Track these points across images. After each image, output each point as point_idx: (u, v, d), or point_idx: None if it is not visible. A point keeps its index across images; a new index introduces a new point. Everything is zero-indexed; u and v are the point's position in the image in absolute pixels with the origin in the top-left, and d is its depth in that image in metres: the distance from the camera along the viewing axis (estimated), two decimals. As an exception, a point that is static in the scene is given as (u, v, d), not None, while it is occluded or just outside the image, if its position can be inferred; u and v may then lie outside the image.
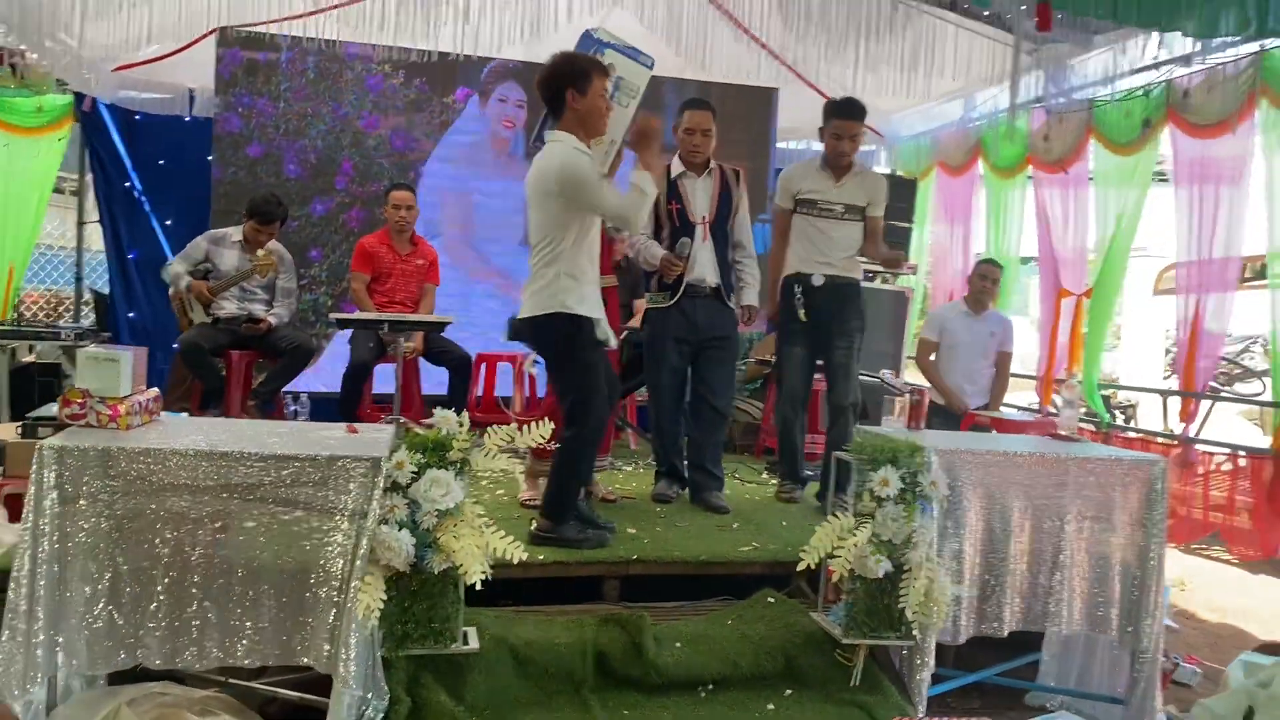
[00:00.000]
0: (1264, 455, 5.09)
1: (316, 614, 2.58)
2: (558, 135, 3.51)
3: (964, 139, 7.43)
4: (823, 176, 4.54)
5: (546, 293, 3.53)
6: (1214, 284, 5.39)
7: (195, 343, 5.25)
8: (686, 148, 4.42)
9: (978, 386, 5.89)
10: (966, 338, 5.88)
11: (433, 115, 6.63)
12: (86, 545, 2.50)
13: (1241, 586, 5.77)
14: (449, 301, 6.51)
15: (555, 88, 3.47)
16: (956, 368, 5.90)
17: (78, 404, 2.71)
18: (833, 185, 4.52)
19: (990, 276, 5.89)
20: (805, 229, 4.55)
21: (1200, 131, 5.28)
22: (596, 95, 3.46)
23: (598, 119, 3.50)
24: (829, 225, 4.52)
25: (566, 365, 3.62)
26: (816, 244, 4.52)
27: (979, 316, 5.89)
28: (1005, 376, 5.97)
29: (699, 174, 4.46)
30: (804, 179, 4.57)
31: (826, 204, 4.51)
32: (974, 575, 3.19)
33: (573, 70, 3.45)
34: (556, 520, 3.61)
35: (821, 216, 4.51)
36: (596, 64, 3.50)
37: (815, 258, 4.52)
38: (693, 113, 4.40)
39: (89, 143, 6.98)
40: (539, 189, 3.51)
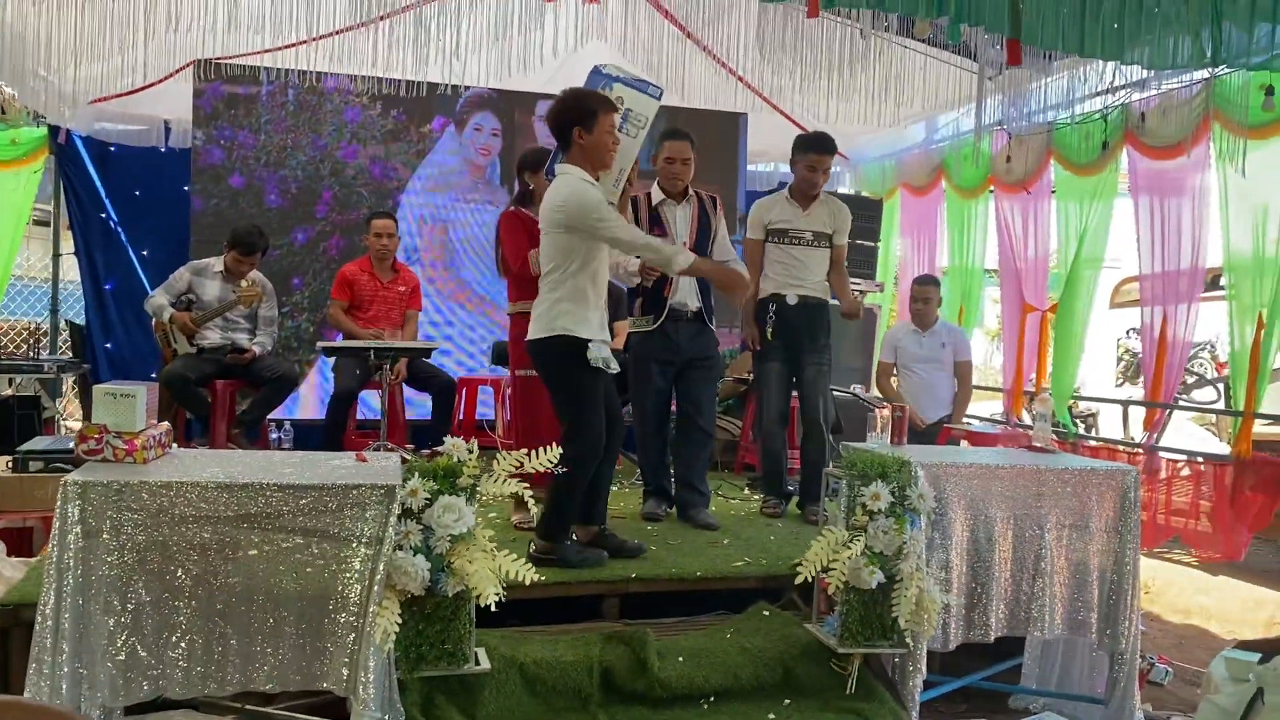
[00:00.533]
0: (1224, 461, 5.29)
1: (335, 639, 2.64)
2: (566, 168, 3.66)
3: (927, 160, 7.64)
4: (790, 206, 4.81)
5: (547, 316, 3.65)
6: (1177, 295, 5.59)
7: (181, 374, 5.28)
8: (666, 176, 4.57)
9: (938, 399, 6.05)
10: (918, 353, 6.07)
11: (410, 145, 6.75)
12: (109, 578, 2.54)
13: (1203, 588, 5.97)
14: (430, 327, 6.60)
15: (564, 124, 3.61)
16: (915, 383, 6.10)
17: (94, 439, 2.76)
18: (801, 214, 4.79)
19: (923, 296, 6.09)
20: (778, 256, 4.81)
21: (1156, 153, 5.51)
22: (603, 132, 3.60)
23: (603, 154, 3.64)
24: (800, 251, 4.80)
25: (561, 387, 3.72)
26: (789, 269, 4.79)
27: (927, 332, 6.07)
28: (968, 386, 6.13)
29: (678, 201, 4.60)
30: (772, 210, 4.84)
31: (796, 232, 4.79)
32: (961, 584, 3.33)
33: (580, 109, 3.59)
34: (553, 540, 3.71)
35: (792, 244, 4.79)
36: (604, 101, 3.65)
37: (788, 281, 4.79)
38: (672, 142, 4.55)
39: (64, 175, 6.99)
40: (548, 219, 3.64)
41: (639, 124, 3.78)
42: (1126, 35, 3.64)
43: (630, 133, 3.76)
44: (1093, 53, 3.67)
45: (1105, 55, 3.74)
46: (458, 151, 6.86)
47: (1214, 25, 3.67)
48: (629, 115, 3.75)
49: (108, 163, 7.02)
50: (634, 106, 3.78)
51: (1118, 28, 3.63)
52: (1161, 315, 5.67)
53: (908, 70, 5.65)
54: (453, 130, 6.83)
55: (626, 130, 3.75)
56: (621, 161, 3.77)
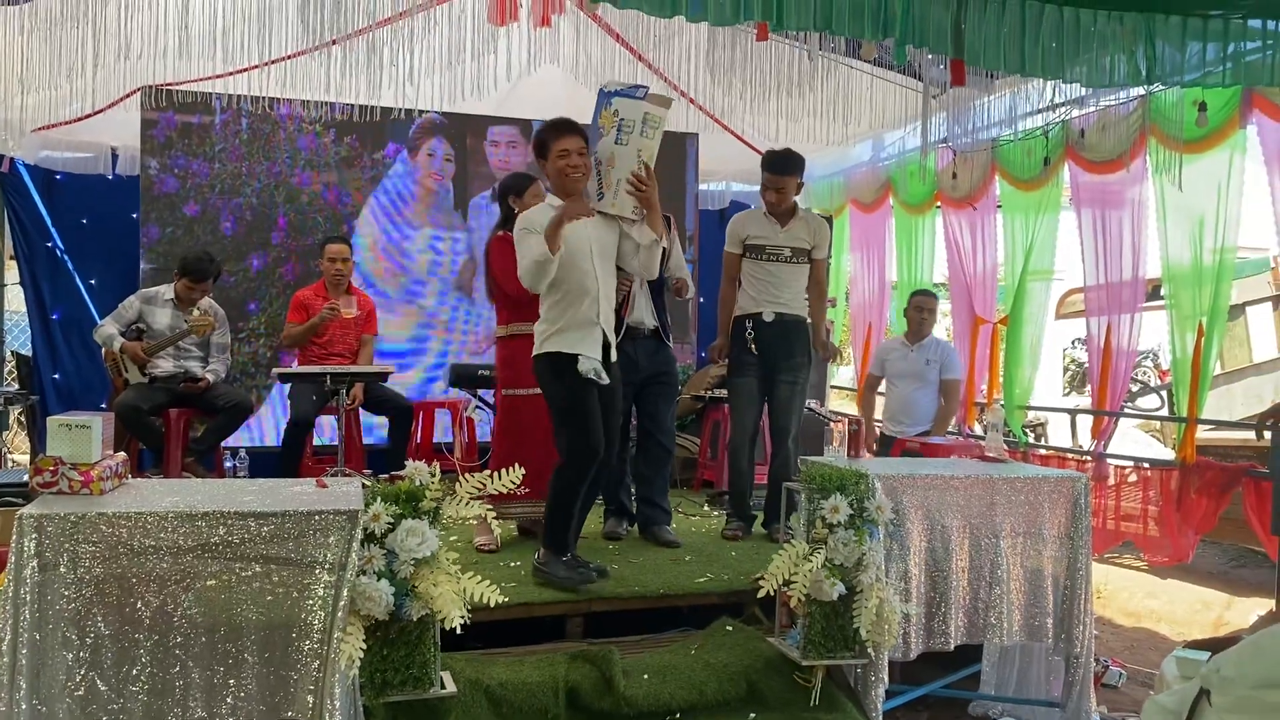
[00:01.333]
0: (1170, 467, 5.42)
1: (299, 667, 2.61)
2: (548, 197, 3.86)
3: (874, 177, 7.77)
4: (768, 223, 4.80)
5: (539, 335, 3.79)
6: (1120, 305, 5.73)
7: (133, 405, 5.21)
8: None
9: (914, 416, 5.94)
10: (903, 366, 6.00)
11: (364, 171, 6.76)
12: (67, 612, 2.50)
13: (1152, 591, 6.11)
14: (386, 351, 6.58)
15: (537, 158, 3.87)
16: (895, 397, 6.06)
17: (49, 471, 2.73)
18: (778, 230, 4.77)
19: (924, 307, 6.01)
20: (755, 272, 4.79)
21: (1097, 168, 5.66)
22: (554, 159, 3.74)
23: (559, 178, 3.77)
24: (777, 268, 4.77)
25: (554, 402, 3.81)
26: (767, 285, 4.76)
27: (915, 346, 5.98)
28: (952, 403, 6.00)
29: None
30: (750, 225, 4.83)
31: (774, 248, 4.76)
32: (920, 593, 3.39)
33: (537, 142, 3.85)
34: (553, 552, 3.77)
35: (770, 260, 4.77)
36: (553, 129, 3.80)
37: (765, 298, 4.75)
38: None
39: (8, 203, 6.86)
40: None
41: (629, 129, 3.74)
42: (1065, 55, 3.75)
43: (624, 140, 3.74)
44: (1033, 72, 3.77)
45: (1045, 74, 3.85)
46: (411, 177, 6.88)
47: (1148, 45, 3.80)
48: (622, 124, 3.74)
49: (54, 191, 6.91)
50: (625, 114, 3.76)
51: (1056, 48, 3.74)
52: (1106, 325, 5.80)
53: (855, 90, 5.74)
54: (405, 156, 6.85)
55: (620, 139, 3.74)
56: (619, 170, 3.77)
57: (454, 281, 6.98)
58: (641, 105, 3.78)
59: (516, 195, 4.46)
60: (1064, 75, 3.85)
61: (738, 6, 3.41)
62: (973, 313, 6.81)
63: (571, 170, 3.75)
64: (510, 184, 4.60)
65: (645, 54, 5.64)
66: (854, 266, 8.33)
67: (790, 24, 3.51)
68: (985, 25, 3.65)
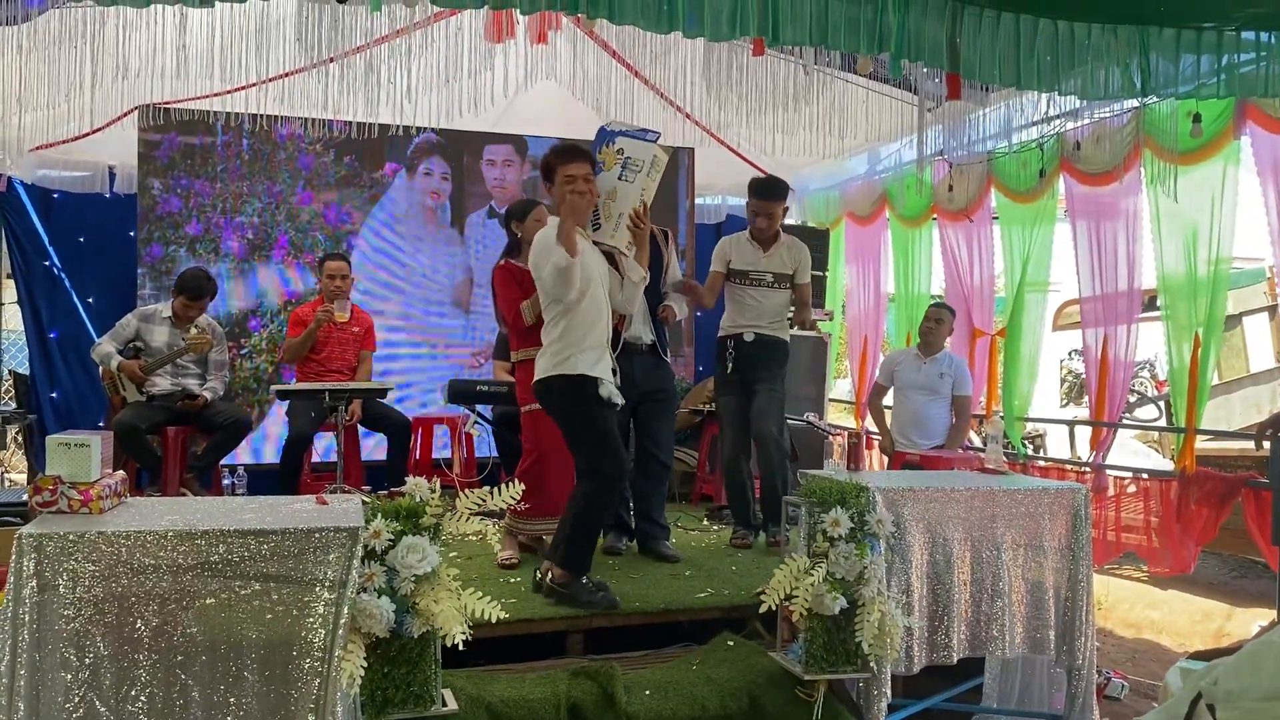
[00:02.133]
0: (1169, 477, 5.42)
1: (300, 686, 2.60)
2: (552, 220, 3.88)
3: (870, 190, 7.79)
4: (752, 248, 4.93)
5: (547, 356, 3.79)
6: (1117, 317, 5.74)
7: (131, 424, 5.20)
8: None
9: (926, 430, 5.91)
10: (915, 379, 5.97)
11: (363, 189, 6.84)
12: (66, 632, 2.48)
13: (1152, 602, 6.11)
14: (384, 366, 6.58)
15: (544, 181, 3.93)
16: (907, 411, 6.03)
17: (49, 490, 2.72)
18: (761, 256, 4.91)
19: (936, 318, 6.00)
20: (739, 297, 4.94)
21: (1091, 180, 5.68)
22: (560, 184, 3.80)
23: (560, 205, 3.79)
24: (760, 293, 4.91)
25: (573, 423, 3.81)
26: (748, 310, 4.92)
27: (928, 359, 5.95)
28: (965, 419, 5.97)
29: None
30: (735, 250, 4.96)
31: (757, 274, 4.90)
32: (922, 607, 3.38)
33: (544, 166, 3.92)
34: (571, 573, 3.73)
35: (753, 285, 4.91)
36: (563, 154, 3.88)
37: (745, 322, 4.92)
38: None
39: (6, 222, 6.86)
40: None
41: (637, 168, 3.94)
42: (1060, 68, 3.78)
43: (629, 178, 3.92)
44: (1028, 85, 3.80)
45: (1040, 87, 3.87)
46: (408, 195, 6.94)
47: (1142, 57, 3.82)
48: (628, 162, 3.93)
49: (51, 210, 6.92)
50: (632, 154, 3.94)
51: (1051, 60, 3.76)
52: (1102, 336, 5.81)
53: (850, 104, 5.77)
54: (403, 175, 6.92)
55: (625, 176, 3.92)
56: (620, 206, 3.93)
57: (452, 298, 7.00)
58: (651, 148, 3.98)
59: (519, 220, 4.51)
60: (1059, 88, 3.88)
61: (734, 21, 3.42)
62: (971, 325, 6.82)
63: (577, 196, 3.79)
64: (514, 210, 4.67)
65: (641, 70, 5.67)
66: (850, 279, 8.35)
67: (786, 39, 3.53)
68: (980, 39, 3.67)
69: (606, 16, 3.38)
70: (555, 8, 3.47)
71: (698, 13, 3.42)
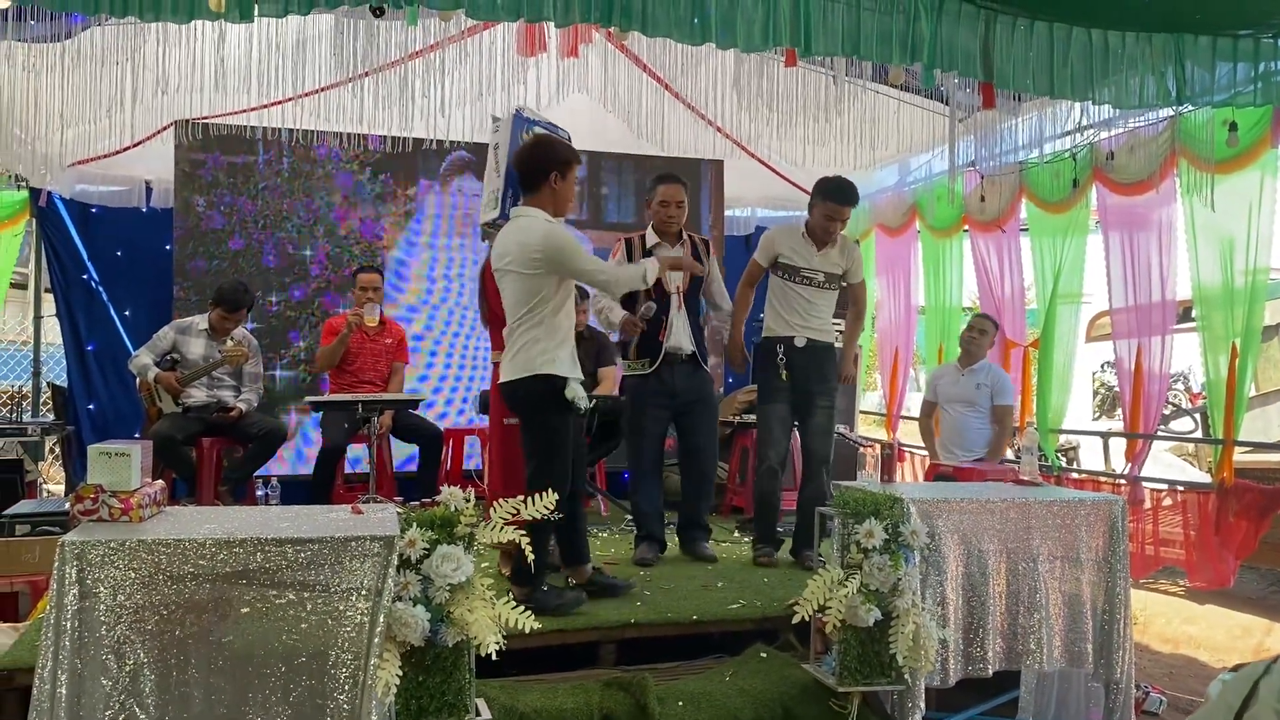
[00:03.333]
0: (1207, 489, 5.35)
1: (336, 694, 2.61)
2: (528, 211, 3.70)
3: (900, 201, 7.77)
4: (805, 244, 4.71)
5: (523, 356, 3.66)
6: (1152, 328, 5.67)
7: (168, 435, 5.26)
8: (660, 219, 4.65)
9: (966, 442, 5.82)
10: (953, 391, 5.91)
11: (398, 206, 6.96)
12: (107, 639, 2.51)
13: (1190, 617, 6.01)
14: (416, 378, 6.65)
15: (540, 169, 3.68)
16: (947, 424, 5.96)
17: (90, 499, 2.76)
18: (815, 253, 4.70)
19: (980, 329, 5.92)
20: (786, 294, 4.72)
21: (1125, 190, 5.63)
22: (572, 182, 3.76)
23: (567, 202, 3.77)
24: (811, 292, 4.70)
25: (531, 426, 3.73)
26: (799, 309, 4.69)
27: (967, 370, 5.88)
28: (1005, 429, 5.81)
29: (672, 244, 4.68)
30: (786, 243, 4.73)
31: (810, 271, 4.69)
32: (957, 619, 3.35)
33: (559, 157, 3.71)
34: (530, 586, 3.65)
35: (804, 284, 4.69)
36: (575, 154, 3.79)
37: (797, 322, 4.69)
38: (666, 186, 4.65)
39: (45, 237, 7.00)
40: (520, 259, 3.63)
41: None
42: (1094, 77, 3.76)
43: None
44: (1062, 94, 3.78)
45: (1074, 96, 3.86)
46: (442, 212, 7.04)
47: (1177, 65, 3.80)
48: None
49: (89, 224, 7.05)
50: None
51: (1085, 69, 3.75)
52: (1135, 348, 5.75)
53: (881, 115, 5.77)
54: (438, 189, 7.03)
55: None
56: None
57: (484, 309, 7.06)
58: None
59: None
60: (1093, 97, 3.86)
61: (766, 32, 3.44)
62: (1003, 336, 6.77)
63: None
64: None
65: (672, 82, 5.70)
66: (880, 291, 8.32)
67: (818, 49, 3.53)
68: (1013, 48, 3.67)
69: (639, 29, 3.41)
70: (588, 20, 3.49)
71: (730, 24, 3.43)
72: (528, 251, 3.60)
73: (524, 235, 3.64)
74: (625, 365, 4.77)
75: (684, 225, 4.74)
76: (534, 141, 3.81)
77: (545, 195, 3.70)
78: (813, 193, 4.73)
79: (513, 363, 3.71)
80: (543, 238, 3.60)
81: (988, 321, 6.03)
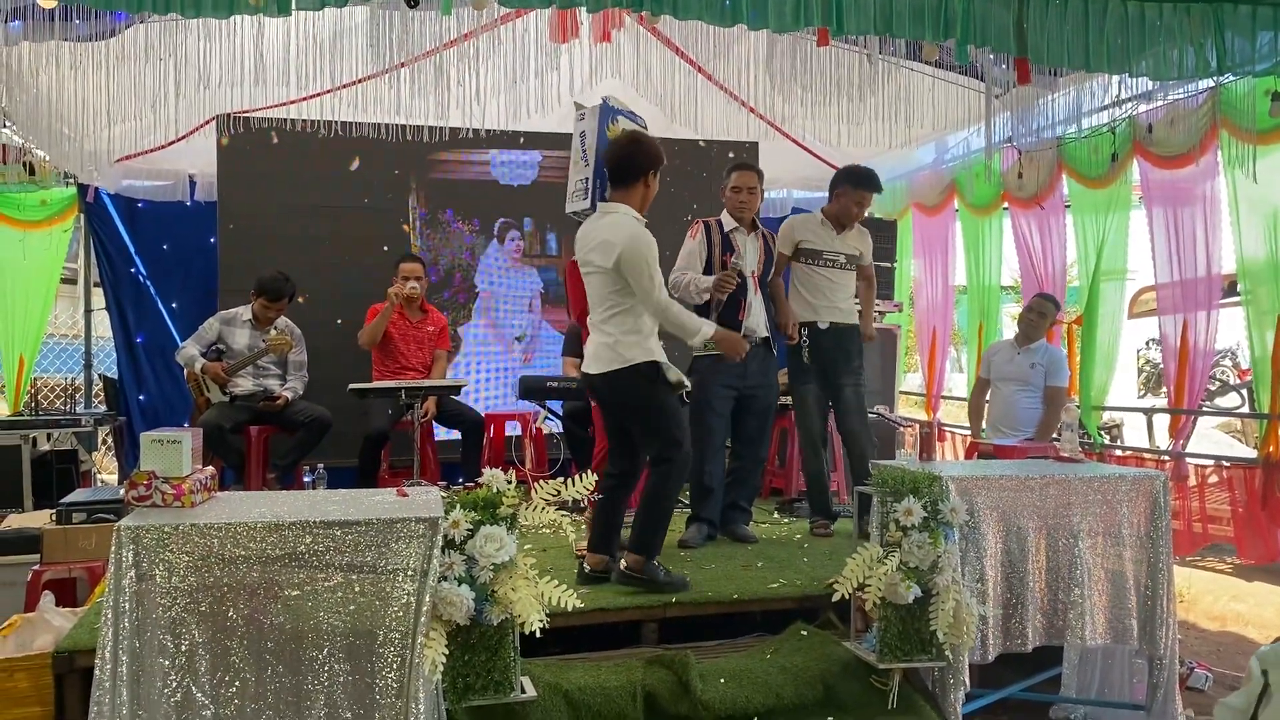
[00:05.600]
0: (1252, 465, 5.29)
1: (385, 673, 2.68)
2: (619, 207, 3.79)
3: (938, 180, 7.70)
4: (824, 229, 4.93)
5: (619, 347, 3.74)
6: (1197, 303, 5.61)
7: (216, 423, 5.36)
8: (734, 204, 4.76)
9: (1016, 421, 5.79)
10: (1007, 370, 5.87)
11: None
12: (163, 620, 2.59)
13: (1237, 595, 5.95)
14: (456, 364, 6.69)
15: (639, 166, 3.77)
16: (998, 401, 5.94)
17: (144, 485, 2.83)
18: (835, 237, 4.92)
19: (1037, 309, 5.85)
20: (811, 278, 4.91)
21: (1166, 163, 5.55)
22: (660, 181, 3.84)
23: (649, 201, 3.84)
24: (834, 274, 4.91)
25: (646, 410, 3.80)
26: (824, 291, 4.89)
27: (1023, 349, 5.84)
28: (1055, 410, 5.66)
29: (747, 231, 4.77)
30: (806, 231, 4.95)
31: (831, 254, 4.90)
32: (997, 595, 3.36)
33: (655, 156, 3.80)
34: (647, 556, 3.77)
35: (826, 266, 4.90)
36: (663, 155, 3.86)
37: (822, 305, 4.88)
38: (739, 173, 4.78)
39: (93, 232, 7.15)
40: (606, 253, 3.70)
41: None
42: (1131, 49, 3.72)
43: None
44: (1098, 67, 3.74)
45: (1111, 69, 3.81)
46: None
47: (1216, 35, 3.74)
48: None
49: (136, 219, 7.18)
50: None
51: (1122, 42, 3.70)
52: (1181, 323, 5.68)
53: (916, 92, 5.72)
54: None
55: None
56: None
57: (525, 302, 7.09)
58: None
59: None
60: (1130, 70, 3.82)
61: (798, 12, 3.43)
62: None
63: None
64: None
65: (705, 65, 5.69)
66: (918, 271, 8.26)
67: (850, 28, 3.53)
68: (1048, 22, 3.63)
69: (670, 12, 3.42)
70: (620, 4, 3.50)
71: (761, 5, 3.43)
72: (613, 248, 3.67)
73: (612, 232, 3.71)
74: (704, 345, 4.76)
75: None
76: (630, 138, 3.86)
77: (636, 193, 3.78)
78: (838, 181, 4.95)
79: (608, 353, 3.78)
80: (629, 239, 3.66)
81: (1048, 304, 5.91)
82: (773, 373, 4.87)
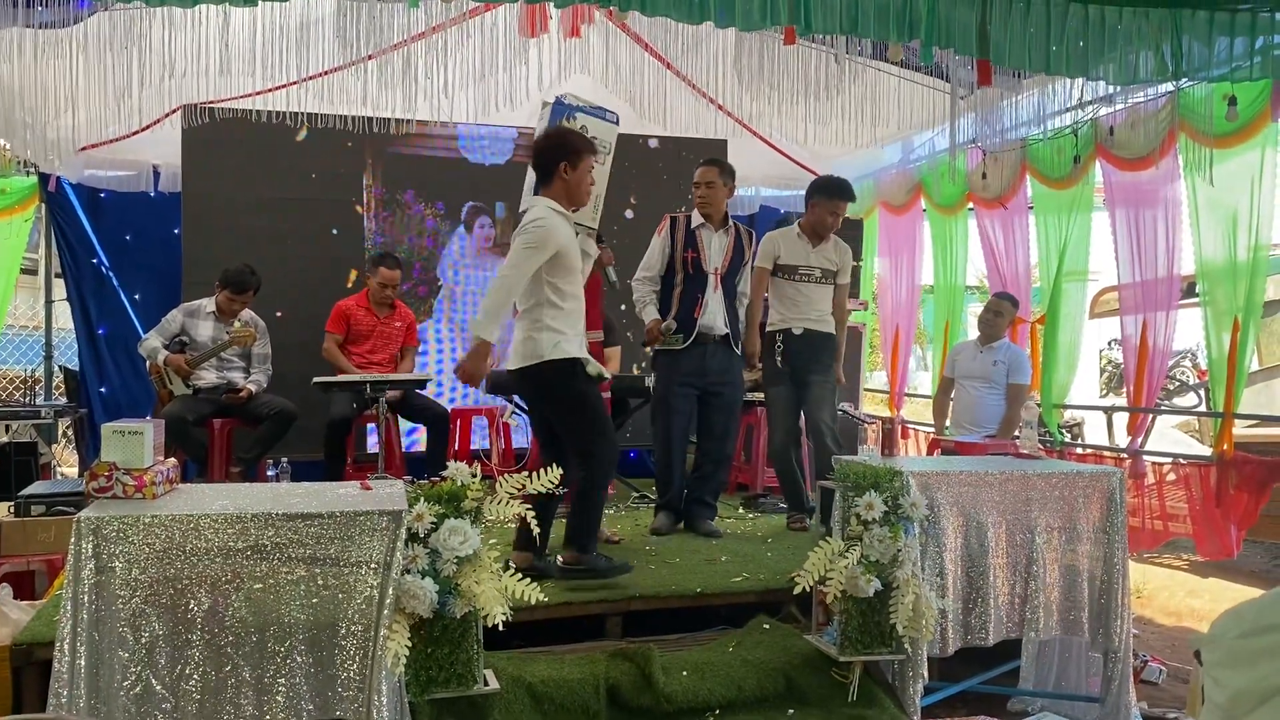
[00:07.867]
0: (1207, 463, 5.39)
1: (346, 665, 2.68)
2: (535, 200, 3.78)
3: (905, 180, 7.76)
4: (800, 243, 5.03)
5: (533, 342, 3.72)
6: (1157, 303, 5.69)
7: (179, 415, 5.31)
8: (697, 199, 4.84)
9: (979, 419, 5.90)
10: (970, 368, 6.00)
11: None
12: (123, 613, 2.57)
13: (1193, 590, 6.06)
14: (424, 356, 6.66)
15: (550, 160, 3.74)
16: (961, 399, 6.07)
17: (104, 477, 2.81)
18: (811, 251, 5.01)
19: (994, 308, 6.01)
20: (787, 291, 5.03)
21: (1128, 165, 5.63)
22: (584, 170, 3.77)
23: (582, 191, 3.80)
24: (808, 288, 5.02)
25: (567, 405, 3.79)
26: (798, 304, 5.01)
27: (986, 348, 5.97)
28: (1015, 408, 5.75)
29: (716, 228, 4.81)
30: (783, 246, 5.05)
31: (806, 269, 5.01)
32: (957, 589, 3.41)
33: (568, 147, 3.76)
34: (584, 551, 3.79)
35: (801, 280, 5.01)
36: (588, 144, 3.82)
37: (794, 315, 5.00)
38: (700, 168, 4.86)
39: (55, 222, 7.04)
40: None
41: (605, 149, 4.03)
42: (1091, 53, 3.78)
43: (600, 160, 3.97)
44: (1059, 70, 3.80)
45: (1071, 73, 3.87)
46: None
47: (1175, 40, 3.81)
48: (595, 143, 3.93)
49: (98, 209, 7.07)
50: (598, 134, 3.99)
51: (1082, 46, 3.76)
52: (1141, 323, 5.77)
53: (883, 92, 5.77)
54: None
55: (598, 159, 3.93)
56: (598, 188, 3.97)
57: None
58: (614, 130, 4.07)
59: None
60: (1090, 73, 3.88)
61: (765, 11, 3.46)
62: (1009, 312, 6.77)
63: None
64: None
65: (674, 62, 5.71)
66: (884, 269, 8.32)
67: (817, 27, 3.56)
68: (1010, 25, 3.68)
69: (638, 8, 3.43)
70: (589, 0, 3.51)
71: (729, 3, 3.46)
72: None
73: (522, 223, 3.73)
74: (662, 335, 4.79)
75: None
76: (546, 133, 3.86)
77: (557, 186, 3.76)
78: (811, 192, 5.04)
79: (523, 347, 3.75)
80: (524, 223, 3.69)
81: (1005, 302, 6.08)
82: (735, 370, 4.92)
